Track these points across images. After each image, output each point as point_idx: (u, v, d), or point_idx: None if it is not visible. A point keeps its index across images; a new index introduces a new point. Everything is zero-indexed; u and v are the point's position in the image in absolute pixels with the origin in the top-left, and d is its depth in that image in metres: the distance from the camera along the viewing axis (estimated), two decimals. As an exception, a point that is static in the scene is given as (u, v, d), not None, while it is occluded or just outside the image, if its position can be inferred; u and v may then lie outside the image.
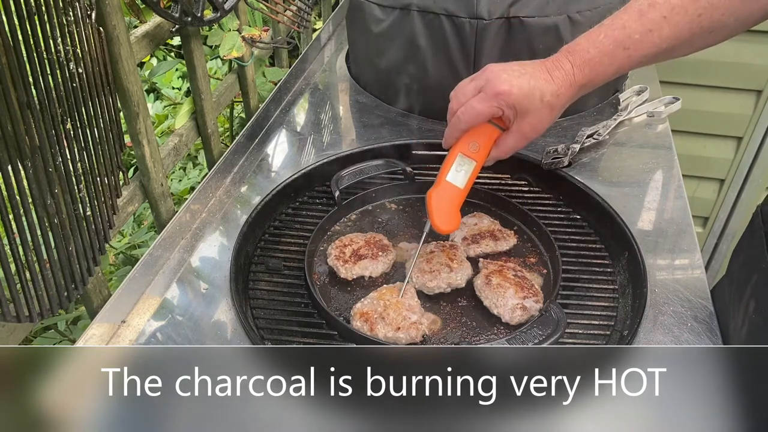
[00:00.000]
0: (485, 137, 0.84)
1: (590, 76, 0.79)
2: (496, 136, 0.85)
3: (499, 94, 0.78)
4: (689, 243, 0.95)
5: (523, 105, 0.78)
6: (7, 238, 0.69)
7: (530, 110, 0.79)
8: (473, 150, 0.85)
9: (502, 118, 0.82)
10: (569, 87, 0.79)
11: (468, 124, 0.82)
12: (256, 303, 0.88)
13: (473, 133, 0.84)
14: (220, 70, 2.12)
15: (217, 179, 1.10)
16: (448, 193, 0.86)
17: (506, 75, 0.79)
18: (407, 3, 1.16)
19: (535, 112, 0.79)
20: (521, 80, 0.78)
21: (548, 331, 0.75)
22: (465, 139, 0.85)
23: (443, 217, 0.86)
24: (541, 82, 0.78)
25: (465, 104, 0.81)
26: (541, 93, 0.78)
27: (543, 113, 0.80)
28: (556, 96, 0.79)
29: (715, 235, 2.14)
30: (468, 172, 0.86)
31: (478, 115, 0.81)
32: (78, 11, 0.76)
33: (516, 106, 0.79)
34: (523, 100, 0.78)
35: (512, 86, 0.78)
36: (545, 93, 0.78)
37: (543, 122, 0.81)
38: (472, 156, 0.85)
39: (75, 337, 1.19)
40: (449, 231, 0.89)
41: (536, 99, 0.78)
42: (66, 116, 0.76)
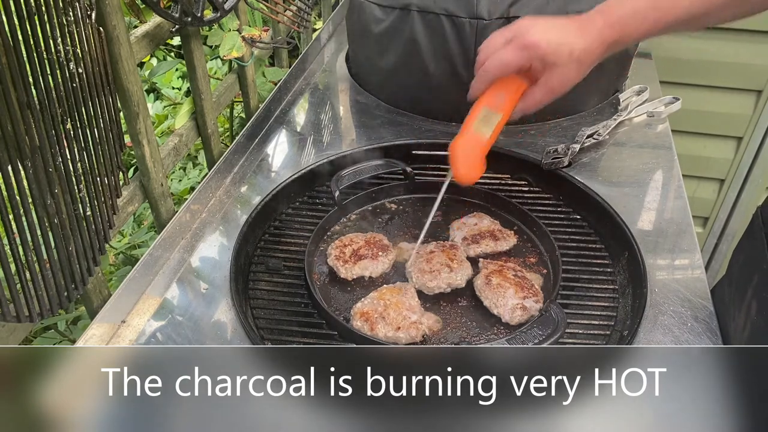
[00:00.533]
0: (512, 90, 0.83)
1: (620, 34, 0.78)
2: (523, 89, 0.83)
3: (529, 45, 0.77)
4: (689, 243, 0.95)
5: (552, 58, 0.78)
6: (7, 238, 0.69)
7: (558, 64, 0.78)
8: (499, 102, 0.84)
9: (529, 71, 0.81)
10: (599, 44, 0.79)
11: (495, 74, 0.81)
12: (256, 303, 0.88)
13: (500, 85, 0.83)
14: (220, 70, 2.12)
15: (217, 179, 1.10)
16: (473, 143, 0.85)
17: (537, 28, 0.78)
18: (407, 3, 1.16)
19: (564, 67, 0.79)
20: (551, 34, 0.78)
21: (548, 331, 0.75)
22: (491, 91, 0.84)
23: (467, 166, 0.85)
24: (571, 38, 0.78)
25: (493, 55, 0.81)
26: (571, 48, 0.78)
27: (571, 68, 0.79)
28: (585, 52, 0.78)
29: (715, 235, 2.14)
30: (493, 124, 0.84)
31: (505, 66, 0.80)
32: (78, 11, 0.76)
33: (545, 58, 0.78)
34: (552, 53, 0.78)
35: (542, 39, 0.77)
36: (575, 48, 0.78)
37: (571, 77, 0.80)
38: (498, 108, 0.84)
39: (75, 337, 1.19)
40: (471, 181, 0.88)
41: (565, 53, 0.78)
42: (66, 116, 0.76)
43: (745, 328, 0.76)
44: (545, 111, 1.23)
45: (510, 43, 0.80)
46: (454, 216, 1.03)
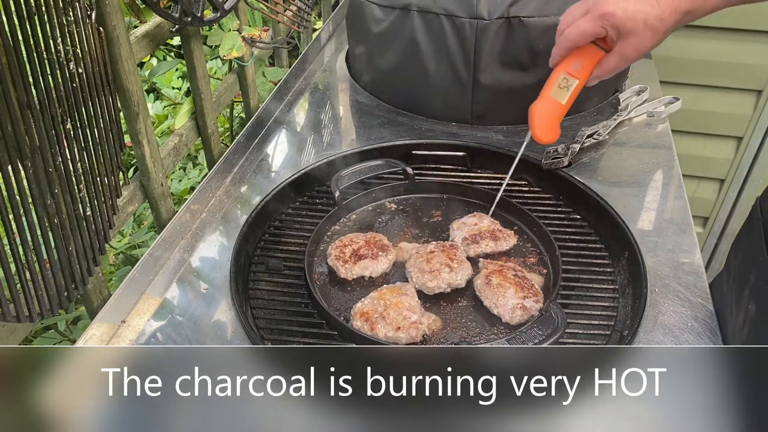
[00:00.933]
0: (589, 57, 0.89)
1: (696, 3, 0.82)
2: (599, 57, 0.89)
3: (605, 14, 0.82)
4: (689, 243, 0.95)
5: (627, 26, 0.82)
6: (7, 238, 0.69)
7: (633, 32, 0.83)
8: (576, 69, 0.90)
9: (605, 39, 0.87)
10: (673, 12, 0.82)
11: (573, 42, 0.87)
12: (256, 303, 0.88)
13: (578, 53, 0.89)
14: (220, 70, 2.12)
15: (217, 179, 1.10)
16: (550, 107, 0.92)
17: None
18: (407, 3, 1.16)
19: (638, 35, 0.83)
20: (627, 3, 0.82)
21: (548, 331, 0.75)
22: (570, 58, 0.90)
23: (543, 128, 0.92)
24: (645, 6, 0.82)
25: (572, 24, 0.86)
26: (645, 16, 0.82)
27: (646, 36, 0.83)
28: (659, 20, 0.82)
29: (715, 235, 2.14)
30: (570, 90, 0.91)
31: (582, 34, 0.86)
32: (78, 11, 0.76)
33: (620, 27, 0.83)
34: (626, 21, 0.82)
35: (617, 8, 0.82)
36: (649, 16, 0.82)
37: (645, 44, 0.84)
38: (575, 75, 0.90)
39: (75, 337, 1.19)
40: (548, 141, 0.95)
41: (640, 21, 0.82)
42: (66, 116, 0.76)
43: (743, 327, 0.76)
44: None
45: (588, 13, 0.85)
46: (454, 216, 1.03)
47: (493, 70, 1.16)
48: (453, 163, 1.14)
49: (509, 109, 1.22)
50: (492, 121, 1.23)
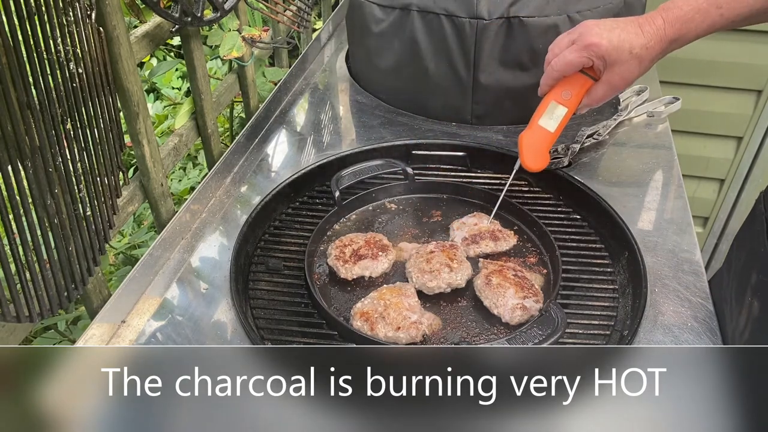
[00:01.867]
0: (577, 86, 0.91)
1: (681, 31, 0.83)
2: (588, 85, 0.91)
3: (590, 45, 0.84)
4: (689, 243, 0.95)
5: (612, 56, 0.84)
6: (7, 238, 0.69)
7: (619, 61, 0.85)
8: (565, 98, 0.92)
9: (593, 69, 0.89)
10: (659, 41, 0.84)
11: (560, 72, 0.89)
12: (256, 303, 0.88)
13: (566, 82, 0.91)
14: (220, 70, 2.12)
15: (217, 179, 1.10)
16: (539, 135, 0.94)
17: (598, 29, 0.85)
18: (407, 3, 1.16)
19: (624, 64, 0.85)
20: (612, 33, 0.84)
21: (548, 331, 0.75)
22: (558, 87, 0.92)
23: (532, 156, 0.95)
24: (631, 36, 0.83)
25: (558, 55, 0.88)
26: (631, 45, 0.83)
27: (632, 65, 0.85)
28: (645, 49, 0.84)
29: (715, 235, 2.14)
30: (559, 118, 0.93)
31: (569, 65, 0.88)
32: (78, 11, 0.76)
33: (605, 57, 0.84)
34: (612, 51, 0.84)
35: (602, 38, 0.83)
36: (634, 45, 0.83)
37: (632, 73, 0.87)
38: (564, 103, 0.92)
39: (75, 337, 1.19)
40: (537, 169, 0.97)
41: (625, 51, 0.83)
42: (66, 116, 0.76)
43: (746, 328, 0.76)
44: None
45: (573, 44, 0.87)
46: (454, 216, 1.03)
47: (493, 70, 1.16)
48: (453, 163, 1.14)
49: (509, 109, 1.22)
50: (492, 121, 1.23)
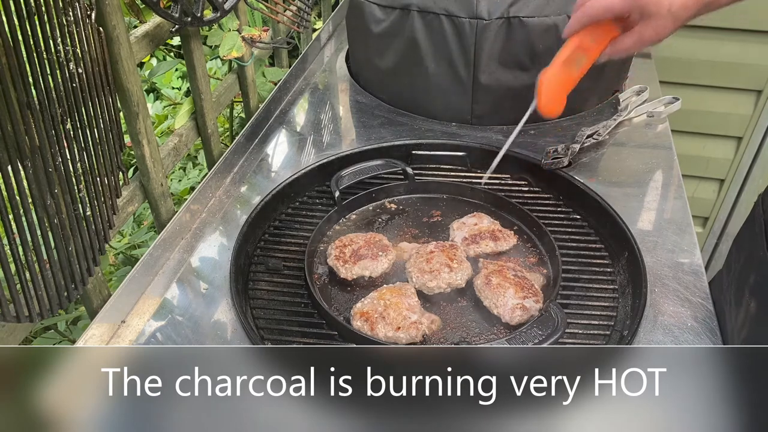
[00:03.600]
0: (604, 34, 0.88)
1: None
2: (614, 35, 0.88)
3: None
4: (689, 243, 0.95)
5: (651, 9, 0.82)
6: (7, 238, 0.69)
7: (656, 16, 0.82)
8: (590, 43, 0.88)
9: (625, 19, 0.86)
10: (696, 2, 0.82)
11: (595, 17, 0.85)
12: (256, 303, 0.88)
13: (594, 28, 0.87)
14: (220, 70, 2.12)
15: (217, 179, 1.10)
16: (560, 77, 0.89)
17: None
18: (407, 3, 1.16)
19: (660, 19, 0.83)
20: None
21: (548, 331, 0.75)
22: (585, 31, 0.88)
23: (551, 97, 0.90)
24: None
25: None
26: (670, 2, 0.82)
27: (667, 21, 0.83)
28: (683, 8, 0.82)
29: (715, 235, 2.14)
30: (581, 65, 0.89)
31: (607, 10, 0.84)
32: (78, 11, 0.76)
33: (645, 8, 0.82)
34: (652, 3, 0.82)
35: None
36: (674, 2, 0.82)
37: (665, 30, 0.84)
38: (588, 49, 0.88)
39: (75, 337, 1.19)
40: (553, 113, 0.91)
41: (664, 6, 0.82)
42: (66, 116, 0.76)
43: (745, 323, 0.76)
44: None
45: None
46: (454, 216, 1.03)
47: (493, 70, 1.16)
48: (453, 163, 1.14)
49: (509, 109, 1.22)
50: (492, 121, 1.23)
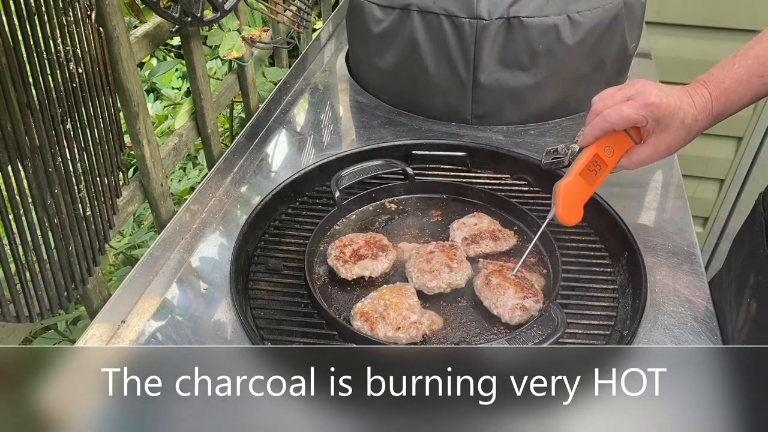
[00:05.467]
0: (620, 144, 0.87)
1: (726, 105, 0.83)
2: (628, 146, 0.88)
3: (650, 104, 0.81)
4: (689, 243, 0.95)
5: (666, 121, 0.82)
6: (7, 238, 0.69)
7: (670, 128, 0.83)
8: (608, 154, 0.88)
9: (640, 130, 0.86)
10: (707, 115, 0.83)
11: (612, 126, 0.85)
12: (256, 303, 0.88)
13: (610, 138, 0.87)
14: (220, 70, 2.11)
15: (217, 179, 1.10)
16: (577, 187, 0.89)
17: (657, 90, 0.82)
18: (407, 3, 1.16)
19: (674, 132, 0.83)
20: (670, 98, 0.82)
21: (548, 331, 0.75)
22: (601, 142, 0.87)
23: (569, 209, 0.89)
24: (684, 105, 0.82)
25: (613, 107, 0.84)
26: (684, 114, 0.82)
27: (680, 134, 0.84)
28: (695, 121, 0.83)
29: (714, 234, 2.14)
30: (597, 174, 0.89)
31: (625, 120, 0.83)
32: (78, 11, 0.76)
33: (661, 120, 0.82)
34: (668, 116, 0.82)
35: (662, 101, 0.81)
36: (687, 115, 0.82)
37: (677, 143, 0.85)
38: (606, 160, 0.88)
39: (75, 337, 1.19)
40: (571, 223, 0.91)
41: (678, 119, 0.82)
42: (66, 116, 0.76)
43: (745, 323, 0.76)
44: (545, 112, 1.24)
45: (631, 100, 0.83)
46: (454, 216, 1.03)
47: (493, 70, 1.16)
48: (453, 163, 1.14)
49: (509, 109, 1.22)
50: (492, 121, 1.23)
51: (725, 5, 1.71)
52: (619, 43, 1.21)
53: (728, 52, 1.51)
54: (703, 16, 1.74)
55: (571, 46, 1.14)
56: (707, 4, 1.72)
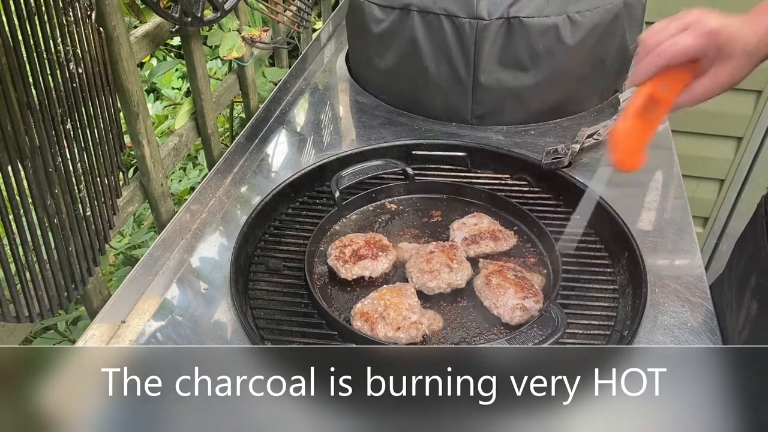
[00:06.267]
0: (677, 81, 0.79)
1: None
2: (685, 82, 0.79)
3: (711, 32, 0.74)
4: (689, 243, 0.95)
5: (728, 49, 0.75)
6: (7, 238, 0.69)
7: (732, 56, 0.75)
8: (663, 92, 0.79)
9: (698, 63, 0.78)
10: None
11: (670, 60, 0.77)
12: (256, 303, 0.88)
13: (664, 75, 0.78)
14: (220, 70, 2.11)
15: (217, 179, 1.10)
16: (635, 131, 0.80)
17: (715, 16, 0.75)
18: (407, 3, 1.16)
19: (736, 59, 0.76)
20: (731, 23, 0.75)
21: (548, 331, 0.75)
22: (656, 80, 0.78)
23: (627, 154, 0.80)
24: (745, 30, 0.75)
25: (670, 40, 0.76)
26: (746, 40, 0.75)
27: (743, 62, 0.76)
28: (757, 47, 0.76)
29: (715, 235, 2.14)
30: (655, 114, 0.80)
31: (683, 52, 0.76)
32: (78, 11, 0.76)
33: (722, 48, 0.75)
34: (729, 43, 0.75)
35: (723, 26, 0.74)
36: (749, 41, 0.75)
37: (741, 71, 0.77)
38: (663, 98, 0.79)
39: (75, 337, 1.19)
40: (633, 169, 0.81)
41: (740, 45, 0.75)
42: (66, 116, 0.76)
43: (745, 324, 0.76)
44: (545, 112, 1.24)
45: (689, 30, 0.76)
46: (454, 216, 1.03)
47: (493, 70, 1.16)
48: (453, 163, 1.14)
49: (509, 109, 1.22)
50: (492, 121, 1.23)
51: (725, 5, 1.71)
52: (619, 43, 1.21)
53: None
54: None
55: (571, 46, 1.14)
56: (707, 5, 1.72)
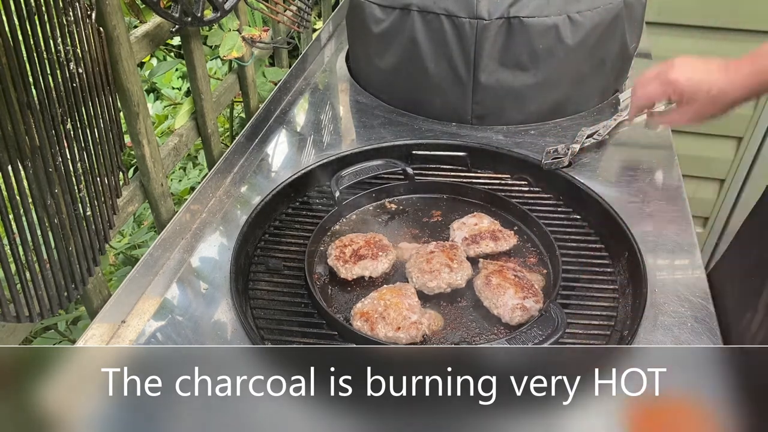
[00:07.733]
0: None
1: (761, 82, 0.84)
2: None
3: (671, 81, 0.90)
4: (689, 243, 0.95)
5: (689, 95, 0.89)
6: (7, 238, 0.69)
7: (695, 100, 0.89)
8: None
9: None
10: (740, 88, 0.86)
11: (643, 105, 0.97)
12: (256, 303, 0.88)
13: None
14: (220, 70, 2.11)
15: (217, 179, 1.10)
16: None
17: (682, 67, 0.90)
18: (407, 3, 1.16)
19: (699, 102, 0.88)
20: (695, 73, 0.89)
21: (548, 331, 0.75)
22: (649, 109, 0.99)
23: None
24: (713, 77, 0.87)
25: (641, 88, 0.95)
26: (710, 87, 0.87)
27: (707, 105, 0.89)
28: (722, 93, 0.86)
29: (715, 235, 2.14)
30: None
31: (649, 98, 0.95)
32: (78, 11, 0.76)
33: (683, 94, 0.89)
34: (689, 91, 0.88)
35: (682, 76, 0.89)
36: (713, 87, 0.87)
37: (706, 113, 0.90)
38: None
39: (75, 337, 1.19)
40: None
41: (703, 92, 0.87)
42: (66, 116, 0.76)
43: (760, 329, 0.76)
44: (545, 112, 1.24)
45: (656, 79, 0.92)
46: (454, 216, 1.03)
47: (493, 70, 1.16)
48: (453, 163, 1.14)
49: (509, 109, 1.22)
50: (492, 121, 1.23)
51: (725, 5, 1.71)
52: (619, 43, 1.21)
53: (728, 52, 1.51)
54: (703, 16, 1.74)
55: (571, 46, 1.14)
56: (707, 4, 1.72)
